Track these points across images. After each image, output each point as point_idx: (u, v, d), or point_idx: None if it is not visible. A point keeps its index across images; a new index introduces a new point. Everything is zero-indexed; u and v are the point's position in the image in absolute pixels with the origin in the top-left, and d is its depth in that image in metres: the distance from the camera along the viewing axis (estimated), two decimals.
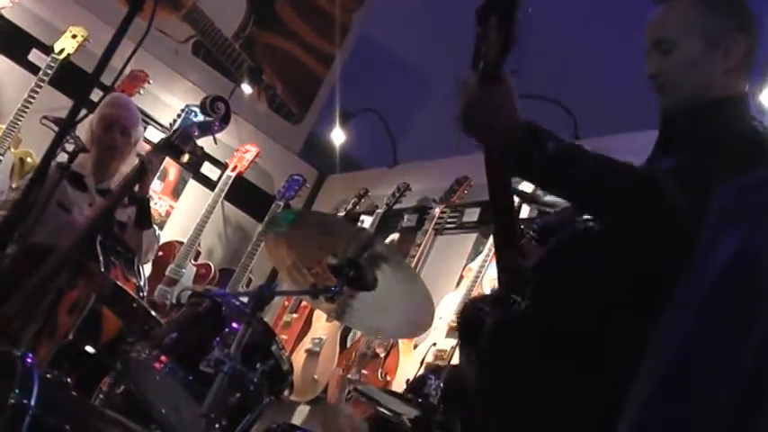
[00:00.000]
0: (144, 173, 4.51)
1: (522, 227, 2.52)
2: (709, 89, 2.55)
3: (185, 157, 6.68)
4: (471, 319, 2.54)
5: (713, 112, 2.54)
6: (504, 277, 2.42)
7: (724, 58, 2.55)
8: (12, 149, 6.39)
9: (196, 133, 4.63)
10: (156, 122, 7.21)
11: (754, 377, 1.54)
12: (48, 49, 6.60)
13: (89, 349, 4.04)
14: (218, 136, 4.90)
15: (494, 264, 2.99)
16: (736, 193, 1.68)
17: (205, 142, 5.24)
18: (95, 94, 2.62)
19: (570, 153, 2.24)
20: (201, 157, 7.39)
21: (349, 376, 5.86)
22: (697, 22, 2.57)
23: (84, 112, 2.49)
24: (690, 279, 1.66)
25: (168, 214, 7.44)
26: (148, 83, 6.74)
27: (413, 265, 5.90)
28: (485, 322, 2.40)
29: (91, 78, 2.44)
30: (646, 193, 2.21)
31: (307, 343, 6.50)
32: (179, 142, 4.58)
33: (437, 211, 6.26)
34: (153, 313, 4.15)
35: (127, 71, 6.22)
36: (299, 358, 6.37)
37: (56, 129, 4.68)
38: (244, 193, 7.63)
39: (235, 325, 3.70)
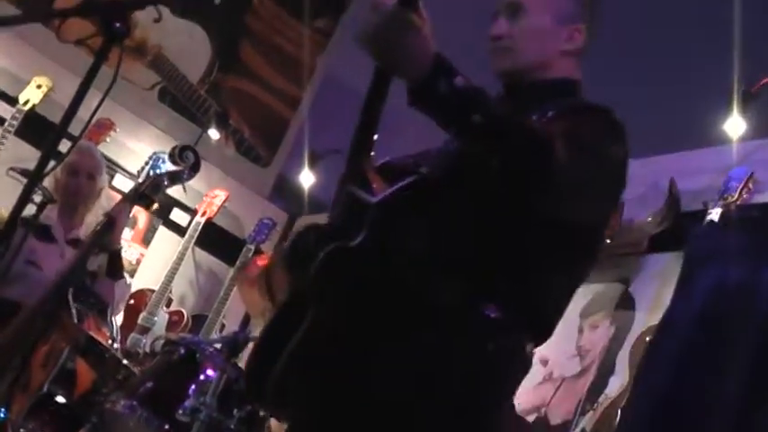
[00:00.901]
0: (112, 226, 4.50)
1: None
2: (549, 67, 2.63)
3: (155, 206, 6.66)
4: (300, 245, 2.50)
5: (561, 90, 2.63)
6: (343, 209, 2.41)
7: (567, 41, 2.64)
8: None
9: (166, 183, 4.66)
10: (124, 170, 7.17)
11: (753, 384, 1.55)
12: (12, 101, 6.58)
13: (64, 401, 4.02)
14: (186, 183, 4.90)
15: None
16: (701, 236, 1.72)
17: (174, 189, 5.24)
18: (63, 145, 2.60)
19: (477, 95, 2.21)
20: (171, 203, 7.37)
21: None
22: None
23: (52, 163, 2.47)
24: (672, 309, 1.68)
25: (139, 262, 7.40)
26: (115, 130, 6.72)
27: None
28: (312, 251, 2.34)
29: (59, 129, 2.42)
30: (540, 152, 2.21)
31: None
32: (149, 192, 4.60)
33: None
34: (126, 363, 4.12)
35: (93, 119, 6.20)
36: None
37: (23, 180, 4.69)
38: (214, 239, 7.59)
39: (210, 372, 3.68)
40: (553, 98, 2.56)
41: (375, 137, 2.41)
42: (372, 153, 2.44)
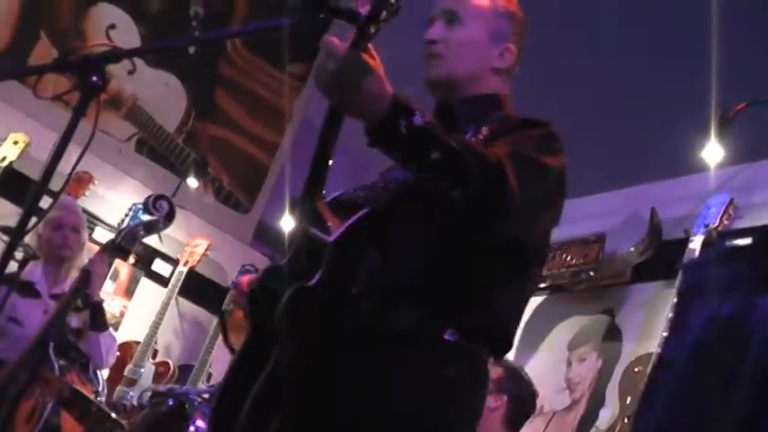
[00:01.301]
0: (88, 279, 4.49)
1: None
2: (478, 82, 2.68)
3: (133, 258, 6.64)
4: (264, 286, 2.48)
5: (491, 104, 2.67)
6: (300, 247, 2.40)
7: (499, 58, 2.70)
8: None
9: (141, 233, 4.67)
10: (104, 223, 7.14)
11: (755, 412, 1.55)
12: None
13: None
14: (167, 231, 4.91)
15: None
16: (697, 266, 1.73)
17: (153, 239, 5.22)
18: (43, 201, 2.59)
19: (435, 131, 2.23)
20: (152, 254, 7.35)
21: None
22: (490, 16, 2.72)
23: (34, 219, 2.45)
24: (667, 344, 1.68)
25: (122, 314, 7.36)
26: (93, 183, 6.70)
27: None
28: (275, 292, 2.33)
29: (39, 185, 2.41)
30: (497, 180, 2.24)
31: None
32: (125, 243, 4.62)
33: None
34: (114, 416, 4.09)
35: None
36: None
37: (4, 238, 4.67)
38: (197, 287, 7.57)
39: (200, 422, 3.66)
40: (484, 113, 2.61)
41: (327, 174, 2.43)
42: (324, 191, 2.46)
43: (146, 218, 4.72)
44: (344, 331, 2.31)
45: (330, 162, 2.43)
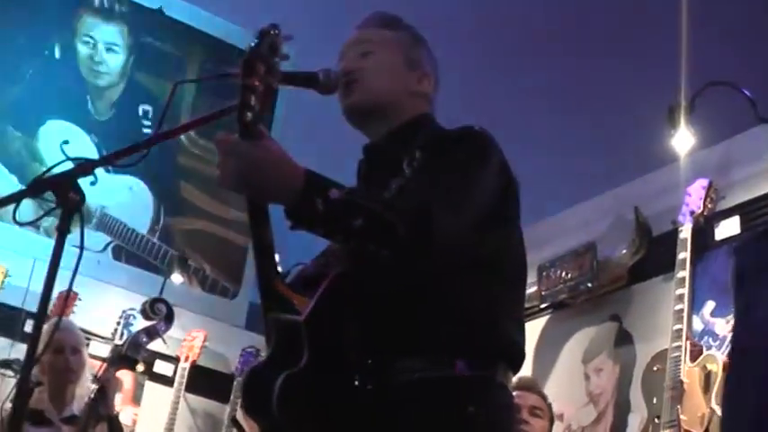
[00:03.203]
0: (105, 393, 4.46)
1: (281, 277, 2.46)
2: (401, 107, 2.64)
3: (141, 366, 6.60)
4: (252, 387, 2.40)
5: (419, 126, 2.63)
6: (276, 337, 2.36)
7: (417, 82, 2.68)
8: None
9: (145, 339, 4.66)
10: (98, 336, 7.08)
11: None
12: None
13: None
14: (164, 335, 4.88)
15: None
16: (749, 247, 1.71)
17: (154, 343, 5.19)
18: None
19: (353, 198, 2.21)
20: (152, 356, 7.30)
21: None
22: (402, 44, 2.71)
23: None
24: (739, 332, 1.67)
25: (135, 422, 7.27)
26: (79, 300, 6.67)
27: None
28: (265, 388, 2.26)
29: (39, 313, 2.38)
30: (424, 231, 2.22)
31: None
32: (131, 353, 4.60)
33: None
34: None
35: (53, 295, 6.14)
36: None
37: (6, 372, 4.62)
38: (203, 381, 7.52)
39: None
40: (413, 138, 2.56)
41: (277, 258, 2.40)
42: (280, 272, 2.43)
43: (145, 324, 4.71)
44: (354, 403, 2.26)
45: (273, 245, 2.40)
